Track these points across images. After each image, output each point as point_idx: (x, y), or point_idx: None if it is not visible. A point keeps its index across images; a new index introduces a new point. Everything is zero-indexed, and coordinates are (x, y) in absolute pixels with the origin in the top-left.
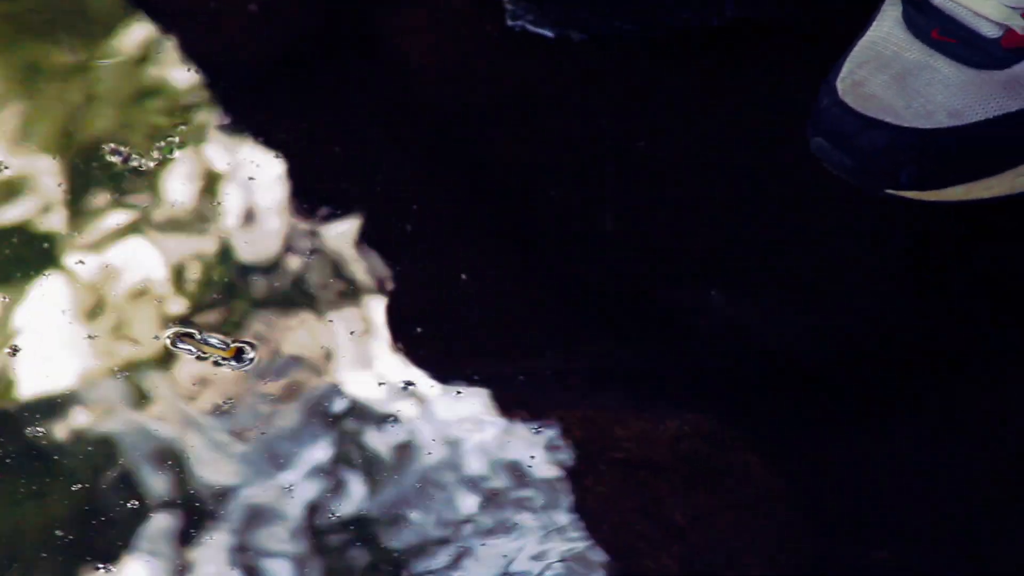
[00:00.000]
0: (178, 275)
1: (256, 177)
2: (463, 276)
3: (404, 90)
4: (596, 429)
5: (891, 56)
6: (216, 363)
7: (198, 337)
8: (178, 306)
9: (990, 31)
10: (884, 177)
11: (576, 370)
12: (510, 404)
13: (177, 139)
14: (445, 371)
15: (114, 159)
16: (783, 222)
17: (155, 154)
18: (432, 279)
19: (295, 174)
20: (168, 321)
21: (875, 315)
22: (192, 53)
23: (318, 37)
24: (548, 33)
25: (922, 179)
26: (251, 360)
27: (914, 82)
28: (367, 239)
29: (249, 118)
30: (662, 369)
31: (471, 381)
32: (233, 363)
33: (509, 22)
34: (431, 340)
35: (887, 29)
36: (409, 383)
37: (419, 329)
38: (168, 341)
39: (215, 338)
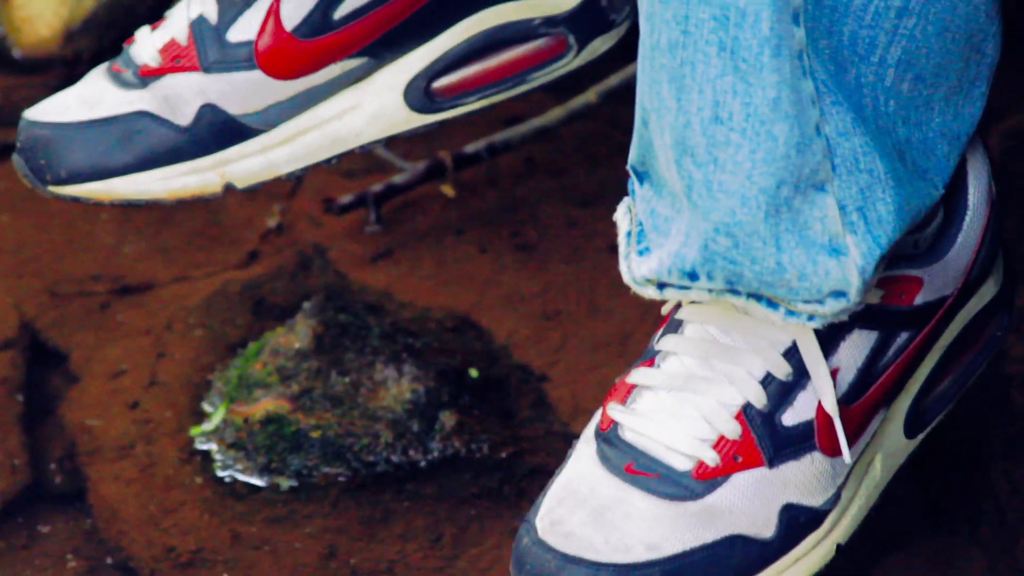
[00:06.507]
0: None
1: None
2: None
3: (114, 539)
4: None
5: (588, 492)
6: None
7: None
8: None
9: (681, 464)
10: None
11: None
12: None
13: None
14: None
15: None
16: None
17: None
18: None
19: None
20: None
21: None
22: None
23: (28, 490)
24: (258, 481)
25: None
26: None
27: (611, 517)
28: None
29: None
30: None
31: None
32: None
33: (219, 472)
34: None
35: (583, 466)
36: None
37: None
38: None
39: None
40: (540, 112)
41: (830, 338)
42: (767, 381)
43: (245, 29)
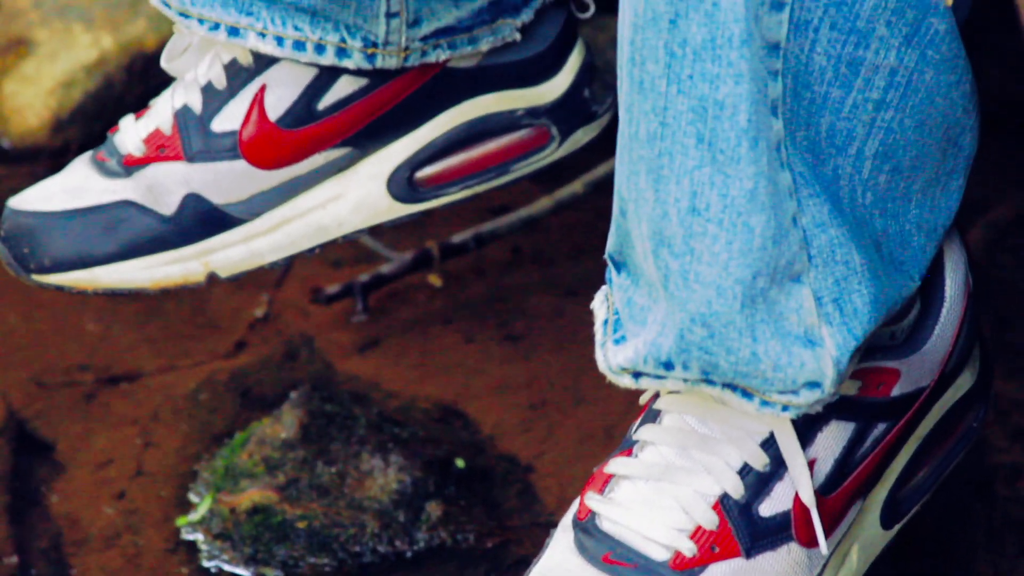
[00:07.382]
0: None
1: None
2: None
3: None
4: None
5: None
6: None
7: None
8: None
9: (659, 554)
10: None
11: None
12: None
13: None
14: None
15: None
16: None
17: None
18: None
19: None
20: None
21: None
22: None
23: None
24: (244, 572)
25: None
26: None
27: None
28: None
29: None
30: None
31: None
32: None
33: (205, 562)
34: None
35: (560, 555)
36: None
37: None
38: None
39: None
40: (527, 202)
41: (807, 429)
42: (744, 471)
43: (229, 119)
